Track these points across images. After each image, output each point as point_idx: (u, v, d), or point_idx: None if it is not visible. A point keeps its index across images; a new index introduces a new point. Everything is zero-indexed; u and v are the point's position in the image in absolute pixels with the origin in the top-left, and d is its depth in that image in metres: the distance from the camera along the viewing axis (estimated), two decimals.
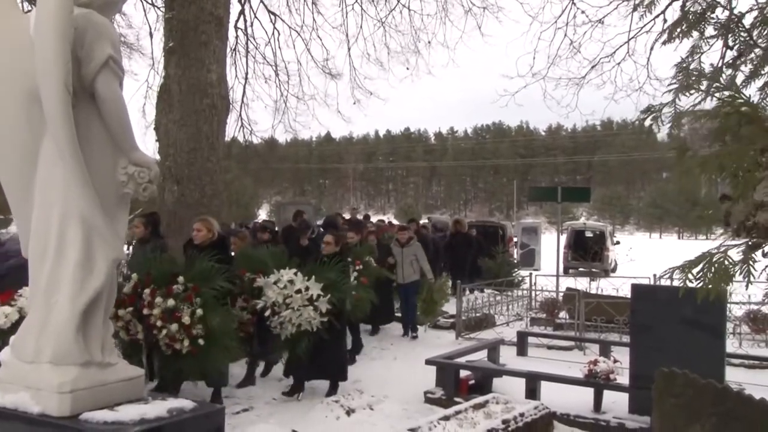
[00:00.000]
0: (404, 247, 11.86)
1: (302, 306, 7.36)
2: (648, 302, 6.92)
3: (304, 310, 7.34)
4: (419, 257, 11.98)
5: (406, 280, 11.79)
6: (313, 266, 7.93)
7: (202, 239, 7.61)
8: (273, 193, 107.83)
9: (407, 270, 11.79)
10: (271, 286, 7.57)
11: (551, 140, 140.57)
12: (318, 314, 7.37)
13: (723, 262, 2.80)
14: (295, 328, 7.38)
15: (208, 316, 6.05)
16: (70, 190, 3.40)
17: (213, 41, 10.63)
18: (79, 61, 3.43)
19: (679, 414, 4.48)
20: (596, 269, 23.12)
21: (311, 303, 7.39)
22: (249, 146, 18.28)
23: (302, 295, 7.39)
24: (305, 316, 7.34)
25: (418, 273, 11.90)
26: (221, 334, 6.21)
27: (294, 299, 7.34)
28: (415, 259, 11.93)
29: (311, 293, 7.41)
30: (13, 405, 3.38)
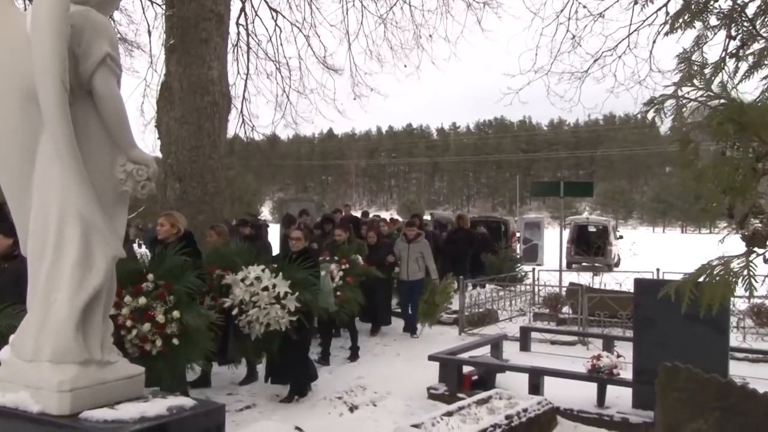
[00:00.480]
0: (411, 243, 11.58)
1: (269, 304, 7.05)
2: (651, 297, 6.88)
3: (271, 309, 7.04)
4: (425, 255, 11.66)
5: (410, 277, 11.54)
6: (281, 263, 7.62)
7: (165, 234, 7.33)
8: (275, 190, 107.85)
9: (412, 267, 11.54)
10: (239, 283, 7.28)
11: (553, 135, 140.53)
12: (286, 313, 7.06)
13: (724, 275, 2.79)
14: (263, 328, 7.09)
15: (183, 314, 5.78)
16: (68, 188, 3.38)
17: (214, 38, 10.62)
18: (77, 58, 3.41)
19: (682, 409, 4.46)
20: (599, 264, 23.05)
21: (278, 301, 7.08)
22: (251, 143, 18.27)
23: (269, 292, 7.09)
24: (272, 314, 7.03)
25: (423, 271, 11.60)
26: (197, 334, 5.92)
27: (261, 297, 7.05)
28: (420, 256, 11.61)
29: (278, 291, 7.09)
30: (13, 404, 3.37)
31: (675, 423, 4.47)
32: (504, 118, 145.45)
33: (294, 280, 7.24)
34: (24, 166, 3.53)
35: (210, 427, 3.59)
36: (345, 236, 10.06)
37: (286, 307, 7.04)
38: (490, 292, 13.64)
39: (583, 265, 23.61)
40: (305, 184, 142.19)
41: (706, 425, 4.33)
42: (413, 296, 11.52)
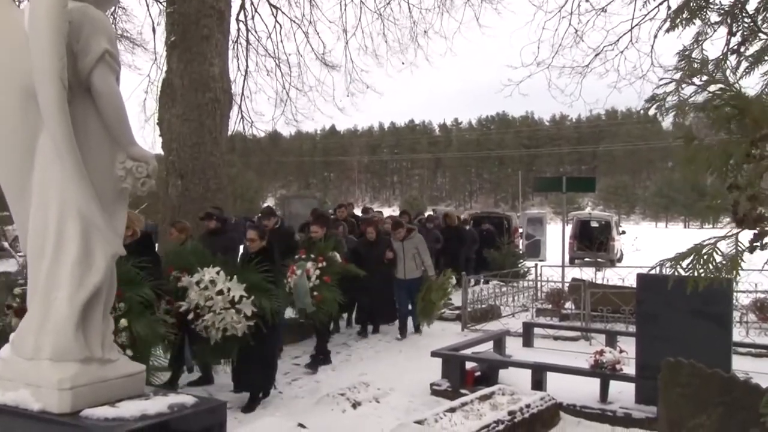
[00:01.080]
0: (405, 240, 11.23)
1: (224, 309, 6.61)
2: (654, 292, 6.89)
3: (226, 314, 6.60)
4: (421, 251, 11.32)
5: (407, 275, 11.22)
6: (237, 265, 7.28)
7: None
8: (278, 187, 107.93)
9: (409, 265, 11.22)
10: (193, 286, 6.85)
11: (556, 130, 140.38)
12: (242, 318, 6.61)
13: (712, 254, 2.78)
14: (221, 333, 6.68)
15: (132, 323, 5.41)
16: (67, 186, 3.37)
17: (215, 35, 10.61)
18: (75, 55, 3.39)
19: (685, 404, 4.45)
20: (602, 259, 23.10)
21: (233, 306, 6.64)
22: (252, 140, 18.28)
23: (224, 296, 6.64)
24: (228, 319, 6.61)
25: (421, 269, 11.29)
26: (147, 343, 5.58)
27: (215, 301, 6.61)
28: (417, 252, 11.28)
29: (233, 295, 6.65)
30: (13, 402, 3.37)
31: (678, 418, 4.47)
32: (506, 114, 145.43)
33: (250, 284, 6.79)
34: (23, 164, 3.51)
35: (212, 424, 3.58)
36: (321, 233, 9.51)
37: (242, 312, 6.61)
38: (492, 288, 13.63)
39: (585, 260, 23.60)
40: (307, 180, 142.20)
41: (709, 420, 4.32)
42: (412, 295, 11.20)
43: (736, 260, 2.72)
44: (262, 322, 6.73)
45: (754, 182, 2.72)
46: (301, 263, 8.81)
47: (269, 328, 6.90)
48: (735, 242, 2.75)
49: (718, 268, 2.76)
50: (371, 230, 11.38)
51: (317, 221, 9.99)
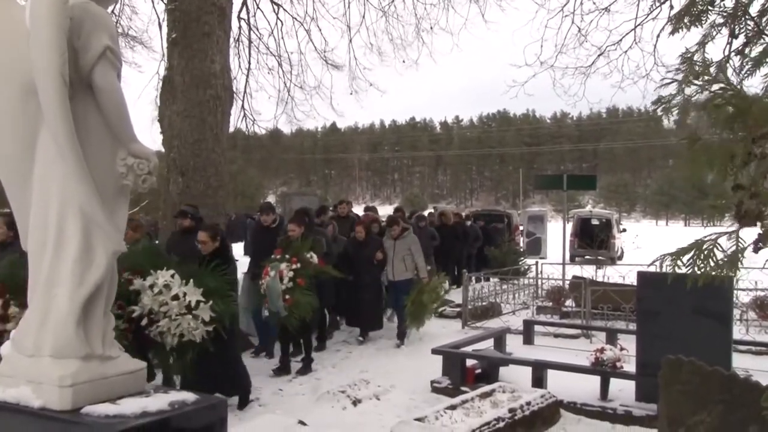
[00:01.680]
0: (397, 240, 10.74)
1: (180, 314, 6.15)
2: (655, 290, 6.89)
3: (183, 319, 6.14)
4: (413, 251, 10.75)
5: (396, 277, 10.69)
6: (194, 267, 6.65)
7: None
8: (279, 184, 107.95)
9: (398, 266, 10.68)
10: (147, 290, 6.32)
11: (557, 128, 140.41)
12: (200, 323, 6.15)
13: (712, 249, 2.79)
14: (177, 339, 6.19)
15: None
16: (68, 182, 3.37)
17: (216, 32, 10.58)
18: (76, 52, 3.39)
19: (685, 401, 4.45)
20: (603, 257, 23.08)
21: (190, 311, 6.17)
22: (253, 137, 18.24)
23: (180, 302, 6.15)
24: (184, 325, 6.13)
25: (412, 270, 10.72)
26: None
27: (171, 306, 6.14)
28: (408, 253, 10.70)
29: (189, 300, 6.18)
30: (14, 399, 3.37)
31: (678, 416, 4.47)
32: (507, 112, 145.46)
33: (207, 288, 6.32)
34: (24, 160, 3.51)
35: (212, 421, 3.59)
36: (299, 232, 8.90)
37: (199, 318, 6.16)
38: (493, 286, 13.63)
39: (586, 258, 23.60)
40: (308, 178, 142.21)
41: (709, 418, 4.32)
42: (399, 298, 10.65)
43: (736, 257, 2.73)
44: (221, 327, 6.27)
45: (758, 181, 2.73)
46: (275, 264, 8.30)
47: (229, 331, 6.51)
48: (736, 239, 2.75)
49: (718, 264, 2.76)
50: (360, 230, 10.85)
51: (294, 219, 9.42)
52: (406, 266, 10.66)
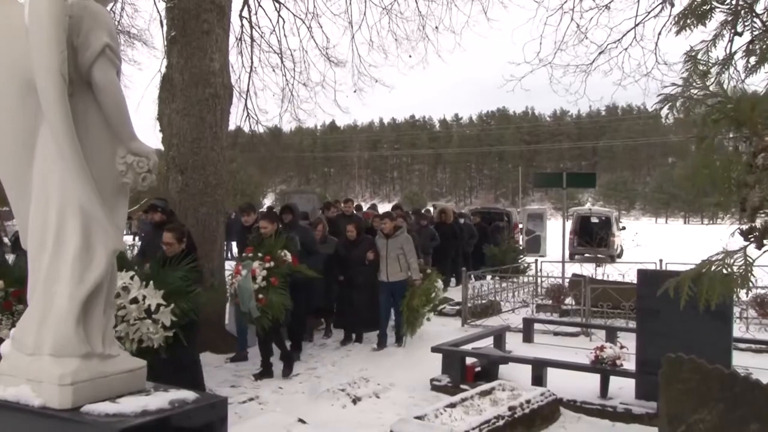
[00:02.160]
0: (390, 238, 10.22)
1: (139, 319, 5.89)
2: (654, 287, 6.85)
3: (141, 324, 5.88)
4: (406, 251, 10.19)
5: (390, 278, 10.18)
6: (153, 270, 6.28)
7: None
8: (278, 182, 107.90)
9: (392, 266, 10.16)
10: None
11: (556, 126, 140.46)
12: (160, 328, 5.86)
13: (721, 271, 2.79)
14: (135, 344, 5.90)
15: None
16: (67, 180, 3.36)
17: (215, 30, 10.56)
18: (76, 49, 3.38)
19: (686, 400, 4.46)
20: (602, 255, 23.08)
21: (149, 315, 5.90)
22: (254, 135, 18.18)
23: (139, 305, 5.87)
24: (143, 330, 5.88)
25: (406, 270, 10.21)
26: None
27: (129, 310, 5.84)
28: (402, 253, 10.17)
29: (149, 303, 5.91)
30: (14, 398, 3.36)
31: (679, 414, 4.47)
32: (506, 109, 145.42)
33: (169, 290, 6.02)
34: (23, 158, 3.50)
35: (213, 420, 3.58)
36: (272, 229, 8.52)
37: (159, 322, 5.88)
38: (493, 284, 13.63)
39: (585, 256, 23.60)
40: (308, 176, 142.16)
41: (709, 416, 4.32)
42: (396, 300, 10.19)
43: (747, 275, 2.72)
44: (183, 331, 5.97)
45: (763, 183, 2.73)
46: (247, 263, 8.02)
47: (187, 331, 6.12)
48: (744, 256, 2.75)
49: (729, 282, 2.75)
50: (351, 229, 10.53)
51: (266, 216, 9.03)
52: (400, 266, 10.19)
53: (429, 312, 10.51)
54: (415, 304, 10.01)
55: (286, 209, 10.30)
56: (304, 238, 9.43)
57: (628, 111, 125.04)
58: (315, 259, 9.47)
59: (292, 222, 9.84)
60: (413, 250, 10.33)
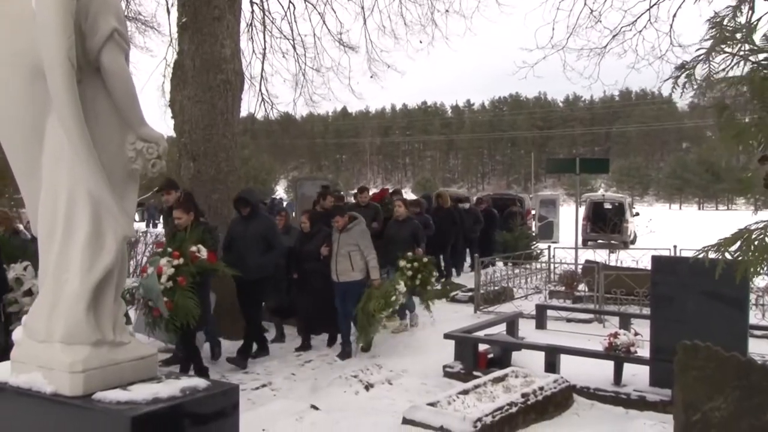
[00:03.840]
0: (341, 233, 8.93)
1: None
2: (669, 274, 6.83)
3: None
4: (362, 247, 8.88)
5: (340, 278, 8.88)
6: None
7: None
8: (290, 169, 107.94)
9: (342, 264, 8.84)
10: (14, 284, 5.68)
11: (569, 111, 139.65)
12: None
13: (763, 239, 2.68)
14: None
15: None
16: (76, 167, 3.34)
17: (226, 16, 10.53)
18: (83, 34, 3.35)
19: (701, 387, 4.41)
20: (615, 241, 22.97)
21: None
22: (270, 121, 18.21)
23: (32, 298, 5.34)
24: None
25: (361, 270, 8.89)
26: None
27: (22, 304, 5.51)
28: (356, 249, 8.85)
29: None
30: (26, 384, 3.37)
31: (694, 401, 4.43)
32: (519, 95, 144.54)
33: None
34: (33, 145, 3.49)
35: (224, 407, 3.57)
36: (186, 220, 7.47)
37: None
38: (505, 270, 13.58)
39: (599, 242, 23.49)
40: (319, 162, 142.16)
41: (725, 403, 4.28)
42: (345, 305, 8.84)
43: None
44: None
45: None
46: (155, 259, 7.08)
47: None
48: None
49: None
50: (304, 219, 9.36)
51: (182, 204, 7.78)
52: (352, 264, 8.83)
53: (387, 317, 9.04)
54: (370, 308, 8.50)
55: (241, 202, 8.70)
56: (265, 231, 8.60)
57: (642, 96, 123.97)
58: (278, 253, 8.79)
59: (251, 213, 8.62)
60: (370, 246, 8.99)
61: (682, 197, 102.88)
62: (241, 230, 8.66)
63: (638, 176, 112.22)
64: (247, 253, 8.39)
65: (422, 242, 10.40)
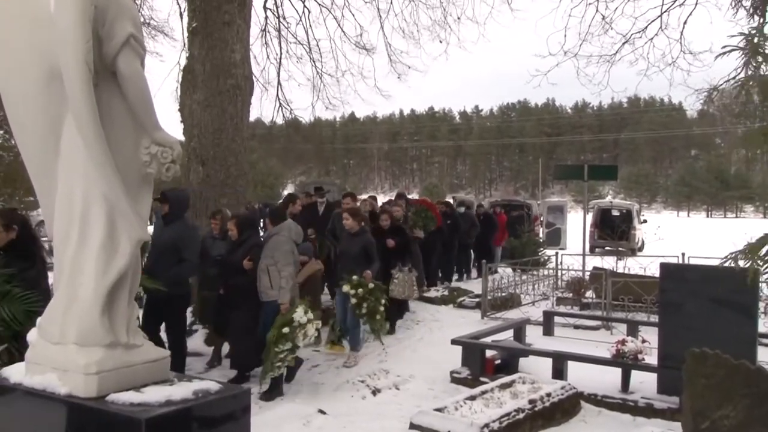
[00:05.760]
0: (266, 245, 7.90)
1: None
2: (677, 281, 6.84)
3: None
4: (278, 259, 7.64)
5: (262, 296, 7.71)
6: None
7: None
8: (297, 174, 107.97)
9: (261, 281, 7.67)
10: None
11: (577, 118, 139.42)
12: None
13: None
14: None
15: None
16: (92, 170, 3.37)
17: (236, 21, 10.61)
18: (100, 39, 3.38)
19: (710, 395, 4.42)
20: (623, 248, 22.92)
21: None
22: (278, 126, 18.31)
23: None
24: None
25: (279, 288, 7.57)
26: None
27: None
28: (273, 263, 7.64)
29: None
30: (41, 386, 3.40)
31: (703, 409, 4.43)
32: (527, 101, 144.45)
33: None
34: (49, 148, 3.52)
35: (236, 410, 3.60)
36: None
37: None
38: (512, 276, 13.59)
39: (606, 249, 23.45)
40: (327, 167, 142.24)
41: (734, 411, 4.28)
42: (266, 327, 7.35)
43: None
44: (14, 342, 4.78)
45: None
46: None
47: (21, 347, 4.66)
48: None
49: None
50: (231, 226, 8.03)
51: None
52: (271, 281, 7.62)
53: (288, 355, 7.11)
54: (271, 338, 7.07)
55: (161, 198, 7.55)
56: (177, 239, 7.37)
57: (650, 103, 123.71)
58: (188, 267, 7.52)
59: (170, 214, 7.56)
60: (287, 259, 7.69)
61: (691, 205, 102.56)
62: (156, 235, 7.71)
63: (646, 183, 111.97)
64: (155, 263, 7.28)
65: (375, 261, 8.86)
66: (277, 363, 7.00)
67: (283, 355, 7.01)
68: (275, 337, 6.99)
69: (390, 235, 10.31)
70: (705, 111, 12.35)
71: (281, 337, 6.98)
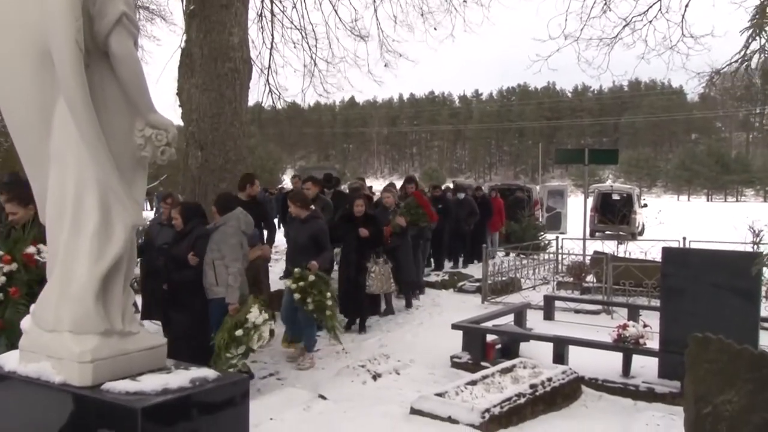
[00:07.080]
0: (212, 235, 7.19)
1: None
2: (680, 266, 6.80)
3: None
4: (225, 252, 6.95)
5: (208, 293, 7.01)
6: None
7: None
8: (297, 158, 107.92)
9: (207, 276, 6.98)
10: None
11: (577, 102, 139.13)
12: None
13: None
14: None
15: None
16: (85, 153, 3.30)
17: (234, 4, 10.48)
18: (92, 18, 3.29)
19: (713, 379, 4.38)
20: (623, 232, 22.89)
21: None
22: (278, 111, 18.13)
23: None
24: None
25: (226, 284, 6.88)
26: None
27: None
28: (219, 256, 6.95)
29: None
30: (35, 374, 3.35)
31: (705, 394, 4.40)
32: (527, 85, 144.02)
33: None
34: (40, 132, 3.44)
35: (234, 397, 3.55)
36: (25, 216, 5.42)
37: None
38: (513, 261, 13.56)
39: (607, 233, 23.43)
40: (327, 152, 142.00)
41: (737, 396, 4.25)
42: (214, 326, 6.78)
43: None
44: None
45: None
46: None
47: None
48: None
49: None
50: (176, 215, 7.33)
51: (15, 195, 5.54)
52: (216, 277, 6.93)
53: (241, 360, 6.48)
54: (220, 342, 6.45)
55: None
56: None
57: (651, 86, 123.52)
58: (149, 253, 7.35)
59: None
60: (234, 253, 6.98)
61: (691, 189, 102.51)
62: None
63: (647, 167, 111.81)
64: None
65: (326, 249, 8.23)
66: (228, 370, 6.00)
67: (235, 361, 6.35)
68: (225, 341, 6.37)
69: (363, 224, 9.69)
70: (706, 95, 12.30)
71: (233, 341, 6.37)
